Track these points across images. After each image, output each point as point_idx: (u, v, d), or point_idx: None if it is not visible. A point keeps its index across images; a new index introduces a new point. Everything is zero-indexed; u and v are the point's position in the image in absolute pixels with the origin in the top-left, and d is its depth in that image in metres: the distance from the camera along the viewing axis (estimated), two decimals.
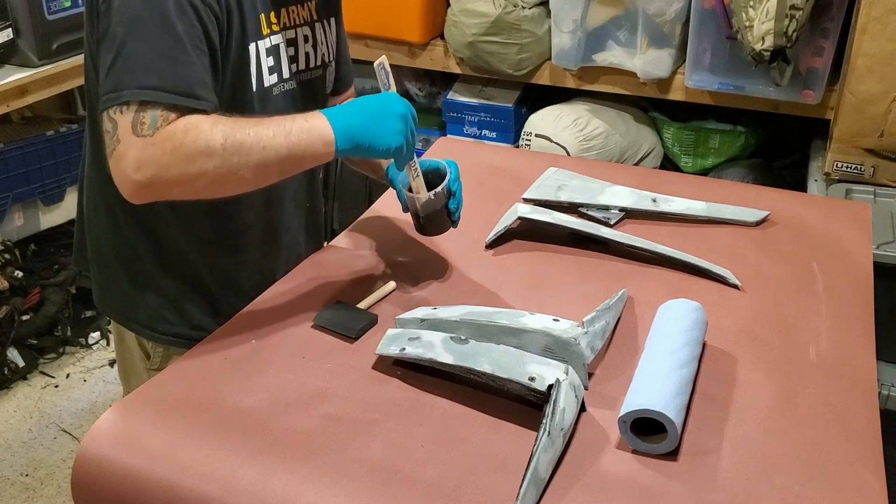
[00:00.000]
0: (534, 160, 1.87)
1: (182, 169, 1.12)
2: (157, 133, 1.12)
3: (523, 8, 2.41)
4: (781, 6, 1.97)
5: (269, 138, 1.16)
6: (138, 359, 1.48)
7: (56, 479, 2.37)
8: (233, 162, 1.14)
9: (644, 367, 1.14)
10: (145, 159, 1.12)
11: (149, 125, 1.12)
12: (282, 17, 1.34)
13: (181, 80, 1.14)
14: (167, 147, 1.12)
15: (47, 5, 2.42)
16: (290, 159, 1.18)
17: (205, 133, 1.13)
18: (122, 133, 1.12)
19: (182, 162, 1.12)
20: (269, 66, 1.32)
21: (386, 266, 1.46)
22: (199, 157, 1.13)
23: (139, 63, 1.13)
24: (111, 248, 1.42)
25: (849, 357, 1.24)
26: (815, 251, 1.50)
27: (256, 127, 1.16)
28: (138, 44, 1.13)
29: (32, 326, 2.75)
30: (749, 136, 2.47)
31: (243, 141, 1.14)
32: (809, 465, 1.04)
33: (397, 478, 1.02)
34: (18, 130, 2.72)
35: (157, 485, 1.03)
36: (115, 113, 1.13)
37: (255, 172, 1.17)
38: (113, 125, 1.14)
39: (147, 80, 1.13)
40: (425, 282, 1.41)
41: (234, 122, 1.16)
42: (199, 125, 1.14)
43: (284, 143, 1.16)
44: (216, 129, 1.14)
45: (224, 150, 1.13)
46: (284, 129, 1.17)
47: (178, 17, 1.15)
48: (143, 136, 1.12)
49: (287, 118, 1.19)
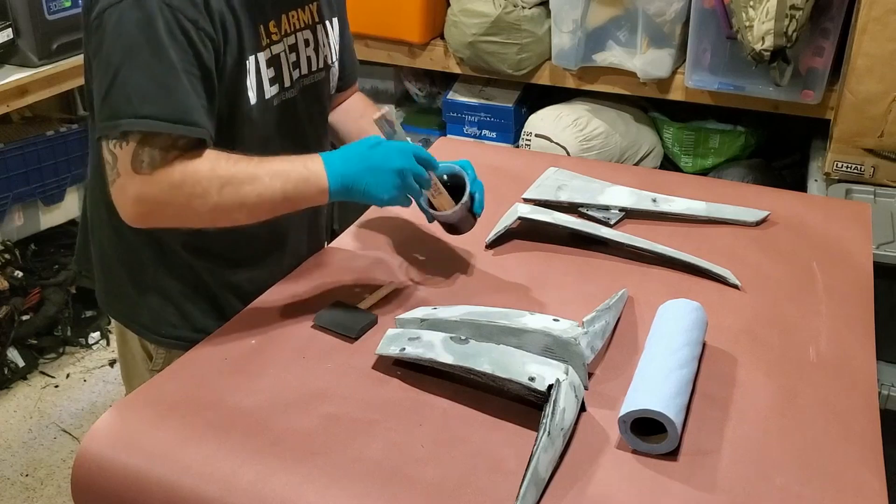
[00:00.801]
0: (534, 160, 1.87)
1: (177, 208, 1.19)
2: (156, 173, 1.16)
3: (523, 8, 2.41)
4: (781, 6, 1.97)
5: (265, 185, 1.20)
6: (141, 360, 1.48)
7: (56, 479, 2.37)
8: (227, 205, 1.19)
9: (644, 367, 1.14)
10: (143, 196, 1.17)
11: (147, 163, 1.16)
12: (282, 24, 1.33)
13: (177, 108, 1.16)
14: (164, 187, 1.16)
15: (47, 5, 2.42)
16: (285, 203, 1.23)
17: (202, 178, 1.17)
18: (122, 168, 1.17)
19: (178, 201, 1.18)
20: (269, 78, 1.31)
21: (386, 266, 1.46)
22: (195, 200, 1.18)
23: (135, 91, 1.14)
24: (114, 252, 1.42)
25: (849, 357, 1.24)
26: (815, 251, 1.50)
27: (255, 171, 1.19)
28: (133, 72, 1.14)
29: (32, 326, 2.75)
30: (749, 136, 2.47)
31: (240, 187, 1.19)
32: (809, 465, 1.04)
33: (397, 478, 1.02)
34: (18, 130, 2.72)
35: (157, 485, 1.03)
36: (115, 146, 1.16)
37: (249, 215, 1.23)
38: (113, 158, 1.17)
39: (143, 110, 1.14)
40: (425, 282, 1.41)
41: (233, 166, 1.19)
42: (197, 169, 1.17)
43: (280, 189, 1.21)
44: (214, 175, 1.18)
45: (220, 196, 1.18)
46: (282, 175, 1.21)
47: (171, 42, 1.15)
48: (141, 173, 1.16)
49: (287, 161, 1.22)
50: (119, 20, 1.14)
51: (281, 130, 1.36)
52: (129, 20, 1.14)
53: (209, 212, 1.19)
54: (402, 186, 1.24)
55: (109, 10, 1.15)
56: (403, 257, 1.48)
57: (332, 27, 1.46)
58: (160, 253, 1.38)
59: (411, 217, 1.59)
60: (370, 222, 1.60)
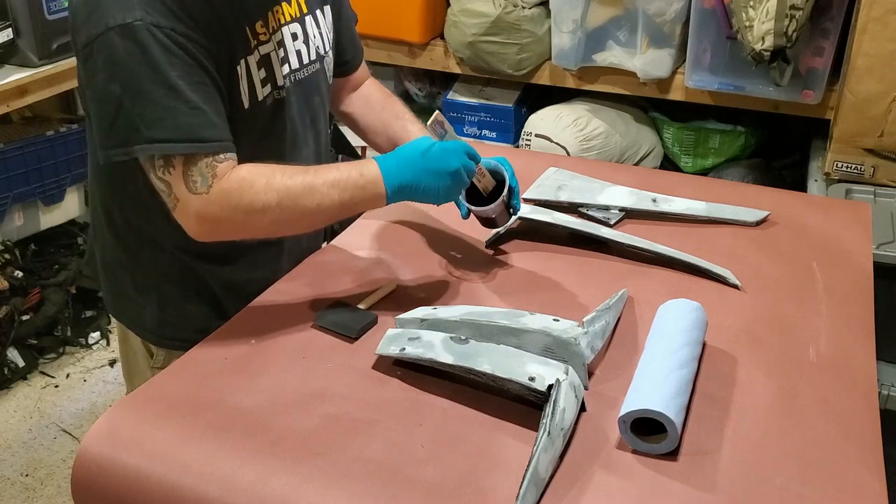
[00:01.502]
0: (534, 160, 1.87)
1: (240, 223, 1.22)
2: (212, 190, 1.18)
3: (523, 8, 2.41)
4: (781, 6, 1.97)
5: (322, 195, 1.21)
6: (142, 357, 1.49)
7: (56, 479, 2.37)
8: (286, 218, 1.22)
9: (644, 367, 1.14)
10: (204, 214, 1.20)
11: (200, 183, 1.18)
12: (269, 21, 1.31)
13: (183, 129, 1.16)
14: (224, 204, 1.19)
15: (47, 5, 2.42)
16: (343, 212, 1.25)
17: (260, 194, 1.19)
18: (179, 192, 1.19)
19: (238, 218, 1.21)
20: (261, 79, 1.30)
21: (386, 266, 1.46)
22: (255, 215, 1.20)
23: (141, 120, 1.15)
24: (115, 256, 1.42)
25: (849, 357, 1.24)
26: (815, 251, 1.50)
27: (311, 181, 1.21)
28: (136, 101, 1.15)
29: (32, 326, 2.74)
30: (749, 136, 2.47)
31: (297, 200, 1.21)
32: (809, 465, 1.04)
33: (397, 478, 1.02)
34: (18, 130, 2.72)
35: (157, 485, 1.03)
36: (163, 174, 1.18)
37: (308, 225, 1.27)
38: (167, 186, 1.19)
39: (152, 134, 1.16)
40: (425, 282, 1.41)
41: (289, 179, 1.21)
42: (254, 184, 1.19)
43: (338, 199, 1.22)
44: (271, 189, 1.19)
45: (279, 209, 1.20)
46: (339, 184, 1.22)
47: (170, 63, 1.15)
48: (198, 193, 1.18)
49: (341, 168, 1.24)
50: (111, 53, 1.14)
51: (275, 127, 1.36)
52: (121, 52, 1.13)
53: (269, 225, 1.22)
54: (460, 185, 1.26)
55: (97, 42, 1.14)
56: (403, 257, 1.48)
57: (325, 15, 1.44)
58: (160, 255, 1.38)
59: (411, 217, 1.59)
60: (370, 222, 1.60)
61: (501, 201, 1.37)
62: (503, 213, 1.40)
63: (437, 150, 1.25)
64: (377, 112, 1.55)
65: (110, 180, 1.36)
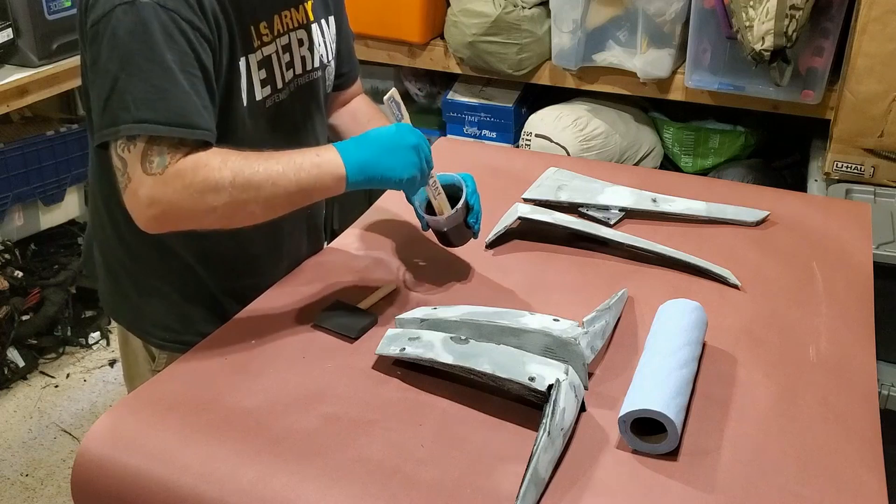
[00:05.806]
0: (534, 160, 1.87)
1: (192, 205, 1.16)
2: (167, 171, 1.15)
3: (523, 8, 2.41)
4: (781, 6, 1.97)
5: (278, 174, 1.18)
6: (143, 360, 1.48)
7: (56, 479, 2.37)
8: (242, 198, 1.17)
9: (644, 367, 1.14)
10: (156, 197, 1.15)
11: (157, 163, 1.15)
12: (275, 24, 1.32)
13: (174, 112, 1.15)
14: (177, 185, 1.15)
15: (47, 5, 2.42)
16: (300, 194, 1.20)
17: (214, 171, 1.16)
18: (133, 171, 1.16)
19: (192, 199, 1.15)
20: (261, 80, 1.30)
21: (386, 266, 1.46)
22: (209, 194, 1.15)
23: (133, 98, 1.14)
24: (116, 258, 1.42)
25: (849, 357, 1.24)
26: (815, 251, 1.50)
27: (266, 162, 1.18)
28: (131, 79, 1.14)
29: (32, 326, 2.74)
30: (749, 136, 2.47)
31: (252, 177, 1.17)
32: (809, 465, 1.04)
33: (397, 478, 1.02)
34: (18, 130, 2.72)
35: (157, 485, 1.03)
36: (123, 151, 1.16)
37: (264, 208, 1.20)
38: (123, 163, 1.17)
39: (141, 114, 1.14)
40: (425, 282, 1.41)
41: (244, 159, 1.18)
42: (209, 162, 1.16)
43: (294, 178, 1.19)
44: (225, 167, 1.16)
45: (233, 187, 1.16)
46: (295, 164, 1.19)
47: (168, 45, 1.15)
48: (153, 174, 1.15)
49: (298, 152, 1.21)
50: (114, 29, 1.14)
51: (275, 132, 1.36)
52: (123, 28, 1.14)
53: (224, 206, 1.16)
54: (420, 164, 1.24)
55: (104, 19, 1.14)
56: (403, 257, 1.48)
57: (329, 25, 1.45)
58: (161, 258, 1.37)
59: (411, 217, 1.59)
60: (370, 222, 1.60)
61: (456, 213, 1.35)
62: (460, 228, 1.38)
63: (392, 128, 1.25)
64: (362, 126, 1.55)
65: (112, 181, 1.36)
